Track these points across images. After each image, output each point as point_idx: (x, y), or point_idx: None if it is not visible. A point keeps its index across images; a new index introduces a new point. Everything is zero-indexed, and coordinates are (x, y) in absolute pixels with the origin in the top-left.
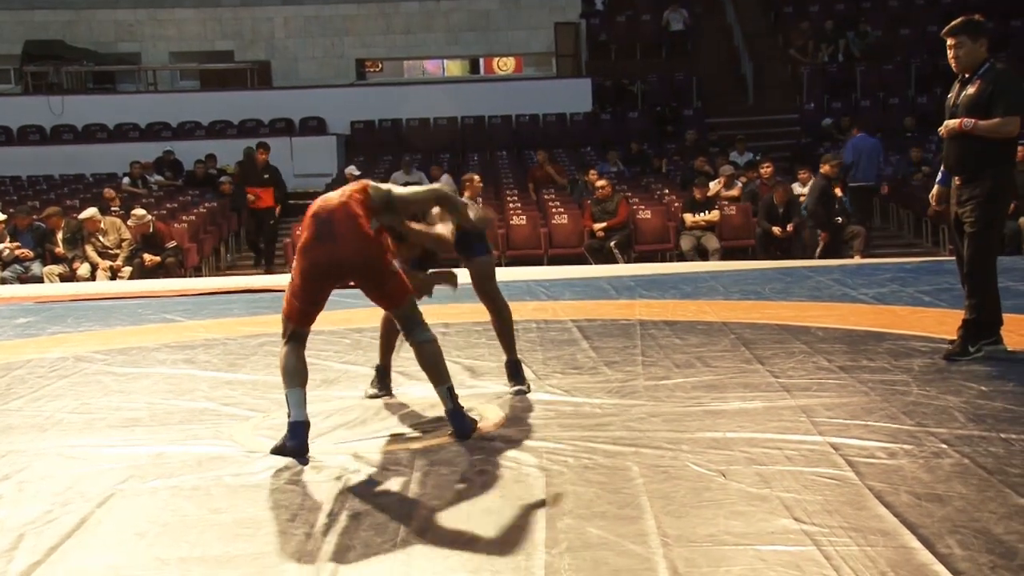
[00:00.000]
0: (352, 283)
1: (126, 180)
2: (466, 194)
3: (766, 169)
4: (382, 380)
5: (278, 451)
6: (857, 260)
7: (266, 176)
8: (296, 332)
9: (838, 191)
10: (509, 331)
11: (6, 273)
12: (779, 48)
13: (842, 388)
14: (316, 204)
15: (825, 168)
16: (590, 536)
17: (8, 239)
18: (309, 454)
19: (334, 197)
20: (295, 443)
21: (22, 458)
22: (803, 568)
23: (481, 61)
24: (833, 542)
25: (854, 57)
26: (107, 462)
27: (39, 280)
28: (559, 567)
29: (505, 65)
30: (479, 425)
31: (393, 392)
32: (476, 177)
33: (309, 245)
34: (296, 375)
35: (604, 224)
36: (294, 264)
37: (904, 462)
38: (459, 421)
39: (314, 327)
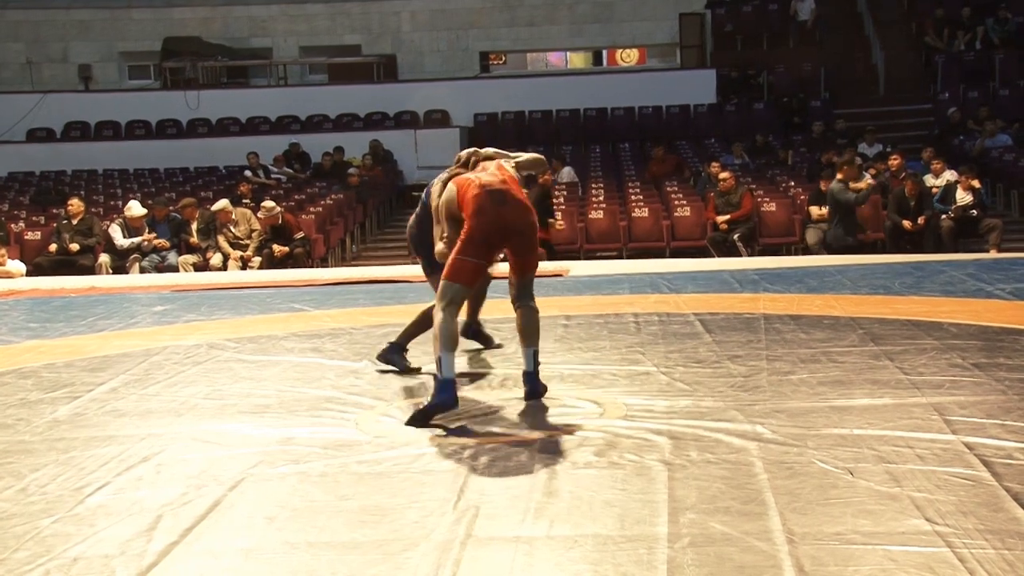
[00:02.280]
0: (508, 248)
1: (248, 172)
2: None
3: (894, 160)
4: (482, 339)
5: (425, 413)
6: (993, 254)
7: None
8: (459, 296)
9: (975, 183)
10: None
11: (145, 262)
12: (912, 36)
13: (977, 386)
14: (479, 180)
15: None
16: (713, 531)
17: (147, 230)
18: (440, 432)
19: (495, 176)
20: (447, 396)
21: (160, 441)
22: (936, 570)
23: (604, 53)
24: (968, 544)
25: (993, 45)
26: (238, 447)
27: (175, 269)
28: (682, 562)
29: (628, 57)
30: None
31: (496, 343)
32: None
33: (486, 209)
34: (453, 340)
35: (728, 217)
36: (465, 228)
37: None
38: (533, 382)
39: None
